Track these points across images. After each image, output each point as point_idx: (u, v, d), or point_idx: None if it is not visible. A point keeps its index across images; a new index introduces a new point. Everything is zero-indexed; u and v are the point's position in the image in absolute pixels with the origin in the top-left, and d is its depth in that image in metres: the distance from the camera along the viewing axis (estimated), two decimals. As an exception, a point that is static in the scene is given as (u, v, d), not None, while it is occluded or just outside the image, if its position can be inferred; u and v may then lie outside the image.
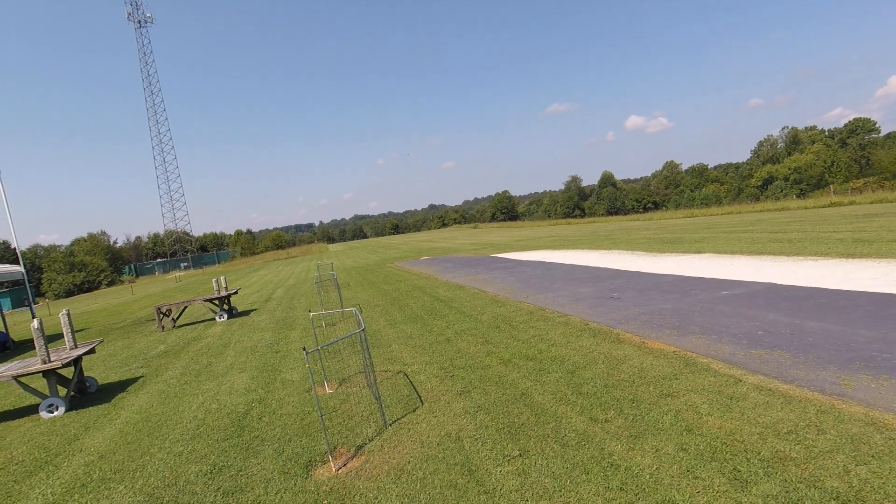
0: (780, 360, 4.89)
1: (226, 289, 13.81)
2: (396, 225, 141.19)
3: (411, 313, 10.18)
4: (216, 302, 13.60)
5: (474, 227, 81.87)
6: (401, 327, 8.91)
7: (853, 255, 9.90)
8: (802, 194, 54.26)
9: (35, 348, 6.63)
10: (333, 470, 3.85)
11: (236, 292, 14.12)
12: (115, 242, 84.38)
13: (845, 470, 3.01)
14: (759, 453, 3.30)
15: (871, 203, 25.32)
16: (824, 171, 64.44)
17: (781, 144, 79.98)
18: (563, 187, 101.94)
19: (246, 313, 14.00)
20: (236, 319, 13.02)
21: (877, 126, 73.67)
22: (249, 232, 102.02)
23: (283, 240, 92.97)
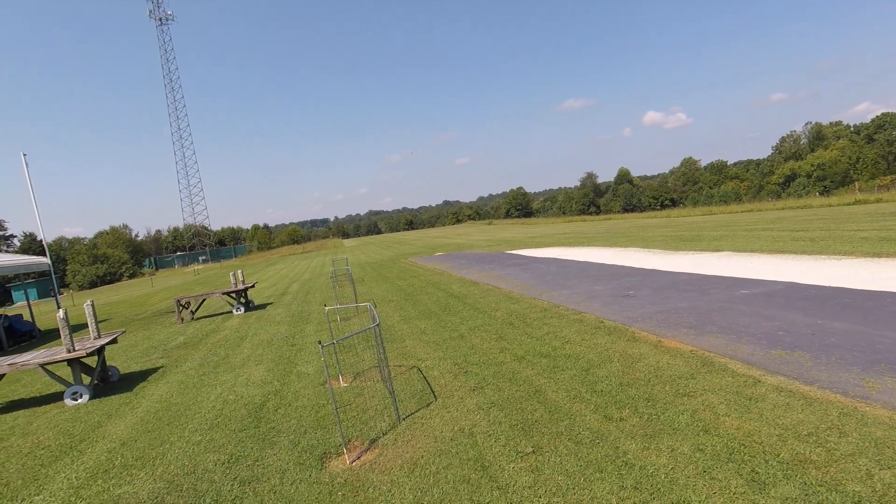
0: (800, 360, 4.79)
1: (243, 282, 14.02)
2: (411, 221, 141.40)
3: (425, 309, 10.21)
4: (233, 295, 13.82)
5: (488, 224, 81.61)
6: (415, 323, 8.95)
7: (879, 255, 9.62)
8: (826, 192, 52.85)
9: (60, 337, 6.82)
10: (348, 462, 3.90)
11: (253, 286, 14.32)
12: (137, 235, 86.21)
13: (868, 474, 2.94)
14: (778, 455, 3.24)
15: (898, 201, 24.56)
16: (849, 168, 62.66)
17: (804, 140, 77.98)
18: (578, 184, 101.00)
19: (262, 307, 14.20)
20: (253, 312, 13.21)
21: (905, 121, 71.38)
22: (266, 227, 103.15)
23: (299, 234, 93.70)
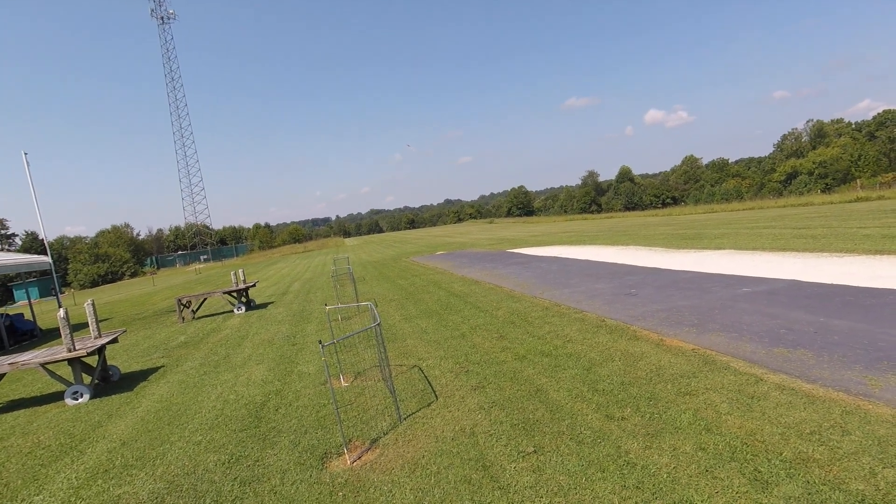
0: (803, 359, 4.77)
1: (244, 281, 14.02)
2: (412, 219, 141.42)
3: (426, 308, 10.20)
4: (234, 294, 13.83)
5: (490, 223, 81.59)
6: (416, 322, 8.94)
7: (881, 252, 9.58)
8: (828, 189, 52.68)
9: (61, 337, 6.82)
10: (348, 462, 3.89)
11: (254, 285, 14.33)
12: (138, 234, 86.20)
13: (872, 472, 2.92)
14: (780, 454, 3.22)
15: (900, 198, 24.47)
16: (851, 166, 62.53)
17: (806, 138, 77.87)
18: (579, 182, 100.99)
19: (263, 306, 14.20)
20: (254, 312, 13.22)
21: (907, 118, 71.17)
22: (268, 226, 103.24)
23: (301, 233, 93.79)
